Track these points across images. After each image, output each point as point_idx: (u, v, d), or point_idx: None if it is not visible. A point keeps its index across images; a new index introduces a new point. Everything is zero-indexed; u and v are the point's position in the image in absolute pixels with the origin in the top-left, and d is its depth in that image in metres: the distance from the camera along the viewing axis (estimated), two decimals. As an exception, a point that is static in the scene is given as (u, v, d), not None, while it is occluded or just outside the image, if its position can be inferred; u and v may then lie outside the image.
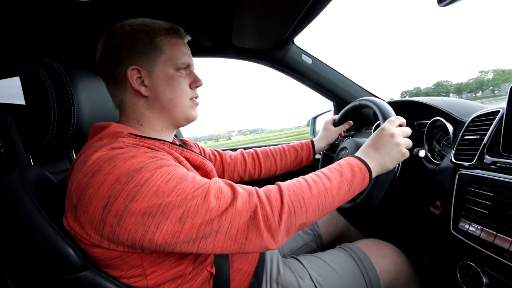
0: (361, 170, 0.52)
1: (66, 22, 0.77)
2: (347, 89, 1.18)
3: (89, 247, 0.44)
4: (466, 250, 0.57)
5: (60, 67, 0.55)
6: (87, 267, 0.47)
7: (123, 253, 0.44)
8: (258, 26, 0.85)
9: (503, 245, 0.47)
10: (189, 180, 0.43)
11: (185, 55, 0.55)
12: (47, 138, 0.56)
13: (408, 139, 0.58)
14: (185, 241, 0.41)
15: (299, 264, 0.67)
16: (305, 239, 0.86)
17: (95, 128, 0.52)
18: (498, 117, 0.57)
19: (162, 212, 0.39)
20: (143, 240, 0.39)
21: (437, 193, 0.68)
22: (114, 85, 0.53)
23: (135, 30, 0.51)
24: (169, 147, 0.53)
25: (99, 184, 0.39)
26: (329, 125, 0.91)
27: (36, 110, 0.56)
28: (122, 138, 0.48)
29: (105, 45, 0.52)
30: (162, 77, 0.53)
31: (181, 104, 0.55)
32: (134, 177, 0.40)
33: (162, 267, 0.48)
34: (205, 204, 0.41)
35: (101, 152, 0.43)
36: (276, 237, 0.44)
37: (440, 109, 0.76)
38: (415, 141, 0.78)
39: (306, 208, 0.46)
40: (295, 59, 1.09)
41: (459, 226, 0.57)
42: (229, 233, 0.42)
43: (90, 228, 0.40)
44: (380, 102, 0.66)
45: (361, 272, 0.64)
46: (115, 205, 0.39)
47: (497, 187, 0.51)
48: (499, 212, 0.50)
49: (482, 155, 0.56)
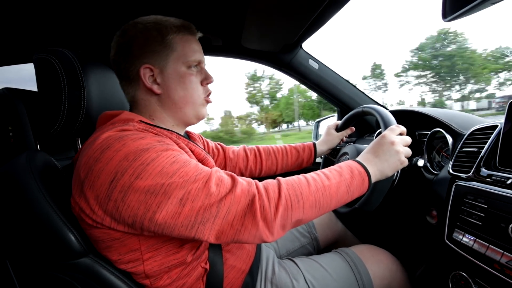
0: (360, 174, 0.53)
1: (82, 13, 0.78)
2: (352, 96, 1.19)
3: (91, 228, 0.45)
4: (459, 261, 0.58)
5: (74, 57, 0.57)
6: (87, 254, 0.48)
7: (123, 234, 0.46)
8: (268, 29, 0.87)
9: (495, 257, 0.48)
10: (192, 165, 0.45)
11: (196, 52, 0.57)
12: (57, 125, 0.57)
13: (408, 148, 0.59)
14: (184, 225, 0.42)
15: (294, 265, 0.67)
16: (302, 242, 0.87)
17: (104, 116, 0.54)
18: (496, 132, 0.58)
19: (164, 192, 0.41)
20: (144, 218, 0.41)
21: (434, 202, 0.69)
22: (127, 82, 0.55)
23: (147, 28, 0.52)
24: (176, 137, 0.55)
25: (108, 160, 0.41)
26: (332, 130, 0.93)
27: (48, 97, 0.57)
28: (133, 123, 0.49)
29: (119, 43, 0.53)
30: (173, 75, 0.54)
31: (192, 102, 0.57)
32: (141, 155, 0.41)
33: (159, 254, 0.49)
34: (205, 188, 0.42)
35: (112, 132, 0.45)
36: (272, 228, 0.45)
37: (440, 121, 0.77)
38: (415, 150, 0.79)
39: (303, 203, 0.47)
40: (302, 64, 1.11)
41: (453, 236, 0.58)
42: (227, 219, 0.43)
43: (95, 202, 0.42)
44: (383, 110, 0.67)
45: (355, 277, 0.65)
46: (121, 181, 0.40)
47: (491, 200, 0.52)
48: (492, 224, 0.51)
49: (478, 168, 0.58)
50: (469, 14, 0.46)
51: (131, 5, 0.75)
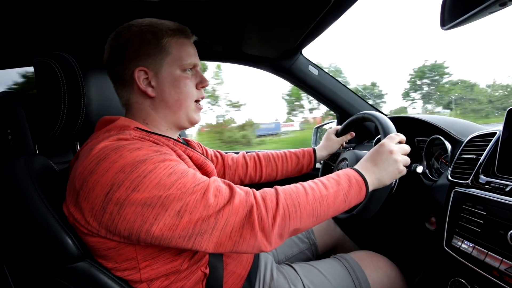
0: (358, 182, 0.53)
1: (83, 17, 0.79)
2: (351, 102, 1.20)
3: (86, 235, 0.45)
4: (458, 267, 0.57)
5: (74, 61, 0.57)
6: (84, 258, 0.47)
7: (119, 244, 0.45)
8: (268, 36, 0.88)
9: (493, 264, 0.48)
10: (190, 176, 0.44)
11: (191, 55, 0.56)
12: (56, 128, 0.57)
13: (407, 156, 0.59)
14: (181, 236, 0.41)
15: (293, 271, 0.67)
16: (301, 247, 0.86)
17: (103, 121, 0.54)
18: (494, 139, 0.59)
19: (161, 204, 0.40)
20: (141, 230, 0.40)
21: (433, 209, 0.69)
22: (121, 86, 0.55)
23: (142, 31, 0.52)
24: (173, 144, 0.54)
25: (104, 172, 0.40)
26: (332, 135, 0.93)
27: (47, 100, 0.57)
28: (129, 131, 0.49)
29: (112, 46, 0.53)
30: (168, 78, 0.54)
31: (186, 106, 0.56)
32: (138, 167, 0.41)
33: (156, 262, 0.49)
34: (203, 200, 0.42)
35: (108, 142, 0.44)
36: (270, 238, 0.44)
37: (439, 128, 0.78)
38: (415, 157, 0.79)
39: (301, 213, 0.47)
40: (302, 70, 1.12)
41: (452, 242, 0.58)
42: (224, 230, 0.42)
43: (90, 215, 0.41)
44: (382, 117, 0.68)
45: (354, 283, 0.65)
46: (117, 193, 0.40)
47: (490, 206, 0.52)
48: (491, 231, 0.51)
49: (477, 175, 0.58)
50: (466, 23, 0.47)
51: (133, 11, 0.76)
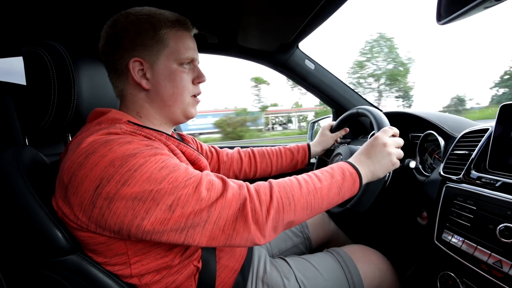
0: (351, 175, 0.53)
1: (74, 5, 0.77)
2: (347, 97, 1.20)
3: (75, 230, 0.44)
4: (447, 261, 0.58)
5: (65, 50, 0.55)
6: (74, 251, 0.47)
7: (109, 239, 0.44)
8: (264, 28, 0.86)
9: (482, 258, 0.49)
10: (182, 170, 0.44)
11: (189, 49, 0.55)
12: (45, 119, 0.56)
13: (400, 149, 0.60)
14: (173, 229, 0.41)
15: (286, 264, 0.68)
16: (294, 241, 0.87)
17: (94, 112, 0.52)
18: (486, 135, 0.59)
19: (153, 199, 0.40)
20: (131, 225, 0.40)
21: (425, 204, 0.70)
22: (115, 75, 0.53)
23: (139, 20, 0.50)
24: (166, 138, 0.54)
25: (93, 166, 0.39)
26: (326, 131, 0.93)
27: (37, 91, 0.56)
28: (120, 124, 0.48)
29: (108, 34, 0.51)
30: (164, 71, 0.52)
31: (181, 101, 0.55)
32: (128, 161, 0.40)
33: (147, 258, 0.48)
34: (196, 194, 0.42)
35: (97, 135, 0.43)
36: (263, 231, 0.44)
37: (433, 123, 0.78)
38: (408, 152, 0.80)
39: (294, 205, 0.47)
40: (298, 64, 1.11)
41: (442, 237, 0.59)
42: (217, 224, 0.42)
43: (79, 209, 0.41)
44: (376, 111, 0.68)
45: (346, 276, 0.65)
46: (106, 188, 0.39)
47: (480, 201, 0.53)
48: (480, 226, 0.51)
49: (469, 170, 0.58)
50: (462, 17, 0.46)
51: (126, 0, 0.74)
